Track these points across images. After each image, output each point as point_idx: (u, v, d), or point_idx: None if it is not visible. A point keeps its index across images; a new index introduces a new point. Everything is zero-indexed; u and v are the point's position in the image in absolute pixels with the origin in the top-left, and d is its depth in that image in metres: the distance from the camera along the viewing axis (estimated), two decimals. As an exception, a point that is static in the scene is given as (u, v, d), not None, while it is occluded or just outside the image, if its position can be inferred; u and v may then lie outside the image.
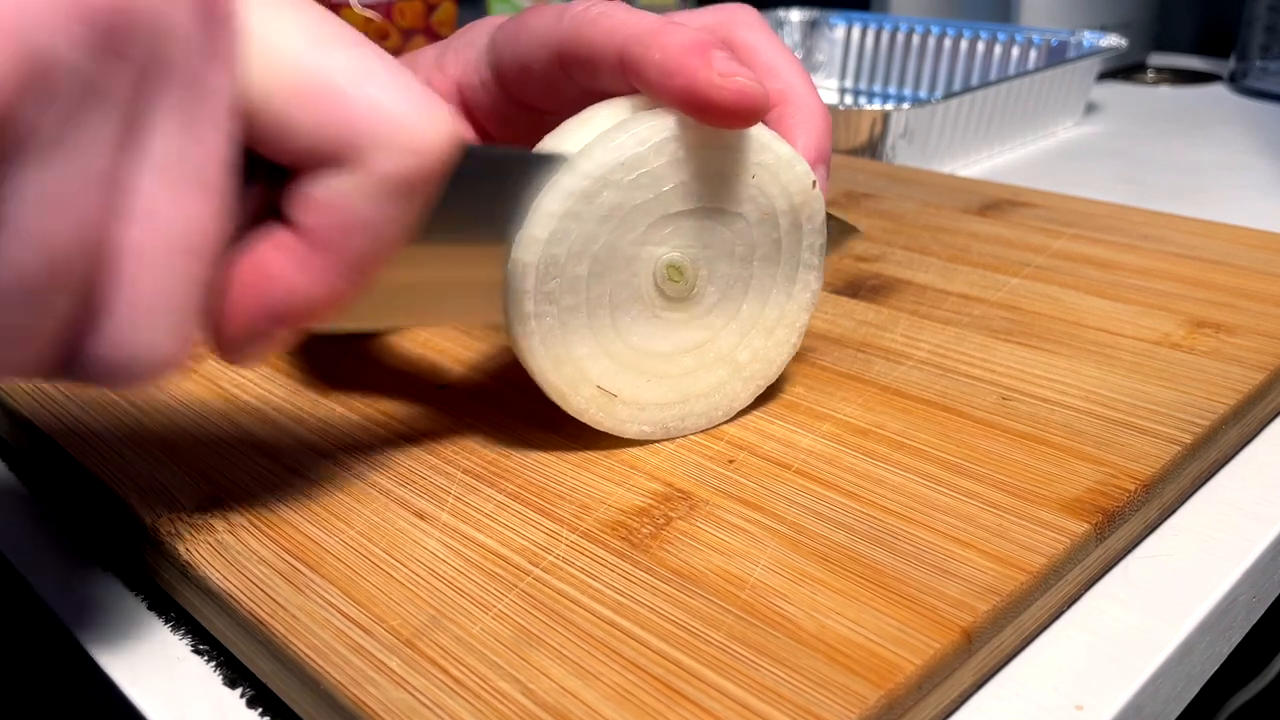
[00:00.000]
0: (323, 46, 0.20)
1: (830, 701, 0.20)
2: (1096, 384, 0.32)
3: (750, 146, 0.28)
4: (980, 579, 0.23)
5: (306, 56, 0.20)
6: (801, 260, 0.31)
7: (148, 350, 0.19)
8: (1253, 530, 0.28)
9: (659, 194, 0.27)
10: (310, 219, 0.21)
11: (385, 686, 0.21)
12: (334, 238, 0.21)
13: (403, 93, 0.20)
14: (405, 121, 0.20)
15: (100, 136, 0.17)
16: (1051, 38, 0.75)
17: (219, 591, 0.24)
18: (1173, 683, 0.25)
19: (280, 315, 0.21)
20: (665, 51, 0.26)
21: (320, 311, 0.22)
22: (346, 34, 0.21)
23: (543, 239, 0.26)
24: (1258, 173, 0.62)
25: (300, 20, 0.20)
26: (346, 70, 0.20)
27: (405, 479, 0.28)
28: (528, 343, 0.27)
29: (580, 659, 0.22)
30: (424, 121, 0.21)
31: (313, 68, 0.20)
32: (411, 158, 0.20)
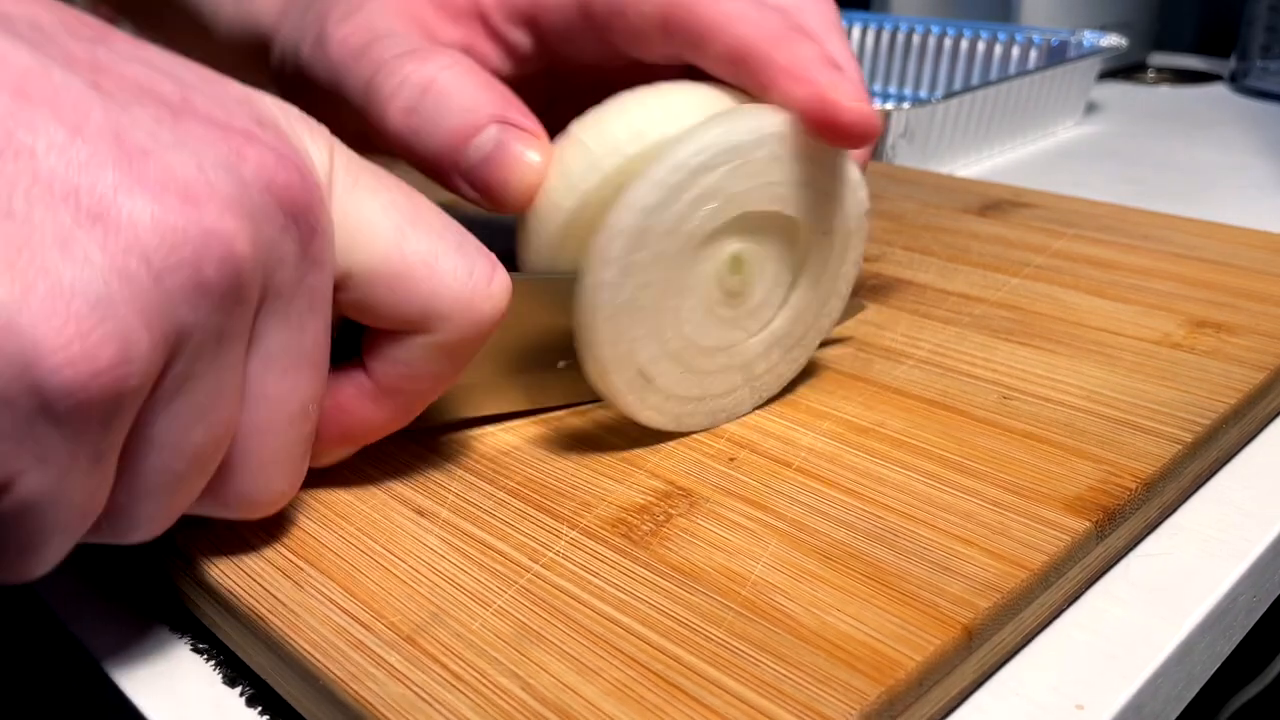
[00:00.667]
0: (404, 234, 0.23)
1: (831, 697, 0.20)
2: (1097, 383, 0.32)
3: (837, 165, 0.28)
4: (981, 576, 0.23)
5: (389, 248, 0.23)
6: (836, 288, 0.31)
7: (267, 495, 0.23)
8: (1253, 530, 0.28)
9: (751, 187, 0.27)
10: (383, 369, 0.24)
11: (385, 682, 0.21)
12: (402, 385, 0.25)
13: (467, 274, 0.24)
14: (469, 302, 0.24)
15: (231, 359, 0.20)
16: (1051, 38, 0.75)
17: (218, 588, 0.24)
18: (1173, 682, 0.25)
19: (354, 439, 0.26)
20: (795, 59, 0.27)
21: (379, 435, 0.26)
22: (425, 216, 0.24)
23: (644, 208, 0.26)
24: (1258, 173, 0.62)
25: (384, 206, 0.23)
26: (423, 258, 0.23)
27: (405, 476, 0.28)
28: (594, 313, 0.27)
29: (580, 655, 0.22)
30: (482, 300, 0.24)
31: (395, 257, 0.23)
32: (471, 329, 0.24)
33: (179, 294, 0.18)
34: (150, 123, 0.19)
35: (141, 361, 0.18)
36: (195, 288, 0.18)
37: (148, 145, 0.18)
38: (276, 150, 0.20)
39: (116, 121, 0.18)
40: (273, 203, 0.20)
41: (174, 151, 0.19)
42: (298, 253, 0.21)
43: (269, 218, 0.20)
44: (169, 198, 0.18)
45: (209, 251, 0.18)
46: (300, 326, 0.21)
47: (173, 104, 0.19)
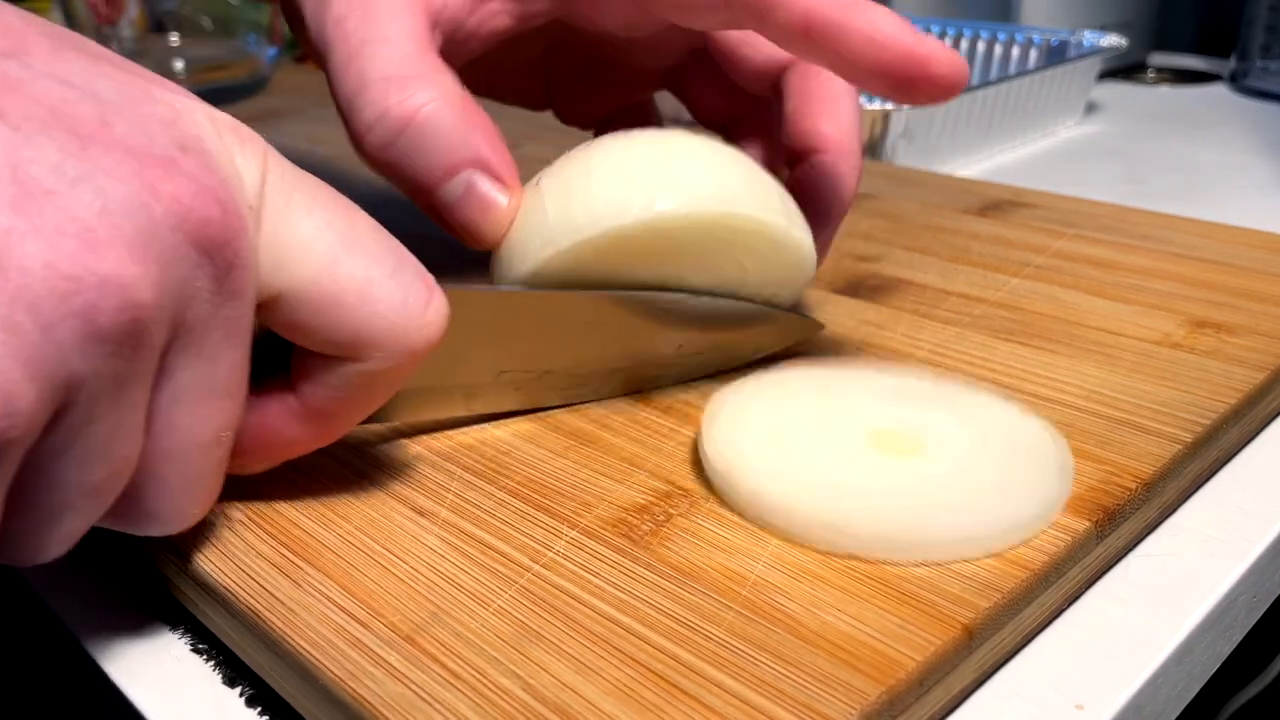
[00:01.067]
0: (337, 258, 0.22)
1: (831, 697, 0.20)
2: (1097, 383, 0.32)
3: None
4: (981, 576, 0.23)
5: (320, 271, 0.22)
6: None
7: (175, 517, 0.22)
8: (1253, 530, 0.28)
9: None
10: (311, 390, 0.24)
11: (384, 681, 0.21)
12: (330, 408, 0.24)
13: (400, 303, 0.23)
14: (403, 330, 0.23)
15: (132, 400, 0.19)
16: (1051, 38, 0.75)
17: (216, 587, 0.24)
18: (1173, 682, 0.25)
19: (279, 457, 0.25)
20: (874, 24, 0.27)
21: (304, 452, 0.25)
22: (362, 238, 0.23)
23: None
24: (1258, 173, 0.62)
25: (319, 227, 0.22)
26: (357, 284, 0.22)
27: (404, 475, 0.28)
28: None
29: (580, 655, 0.22)
30: (416, 329, 0.23)
31: (327, 282, 0.22)
32: (403, 357, 0.23)
33: (70, 345, 0.17)
34: (55, 155, 0.18)
35: (24, 415, 0.17)
36: (87, 338, 0.17)
37: (49, 183, 0.17)
38: (197, 181, 0.19)
39: (17, 154, 0.17)
40: (185, 241, 0.19)
41: (78, 189, 0.18)
42: (212, 288, 0.20)
43: (181, 256, 0.19)
44: (65, 242, 0.17)
45: (105, 301, 0.17)
46: (214, 359, 0.21)
47: (86, 130, 0.18)
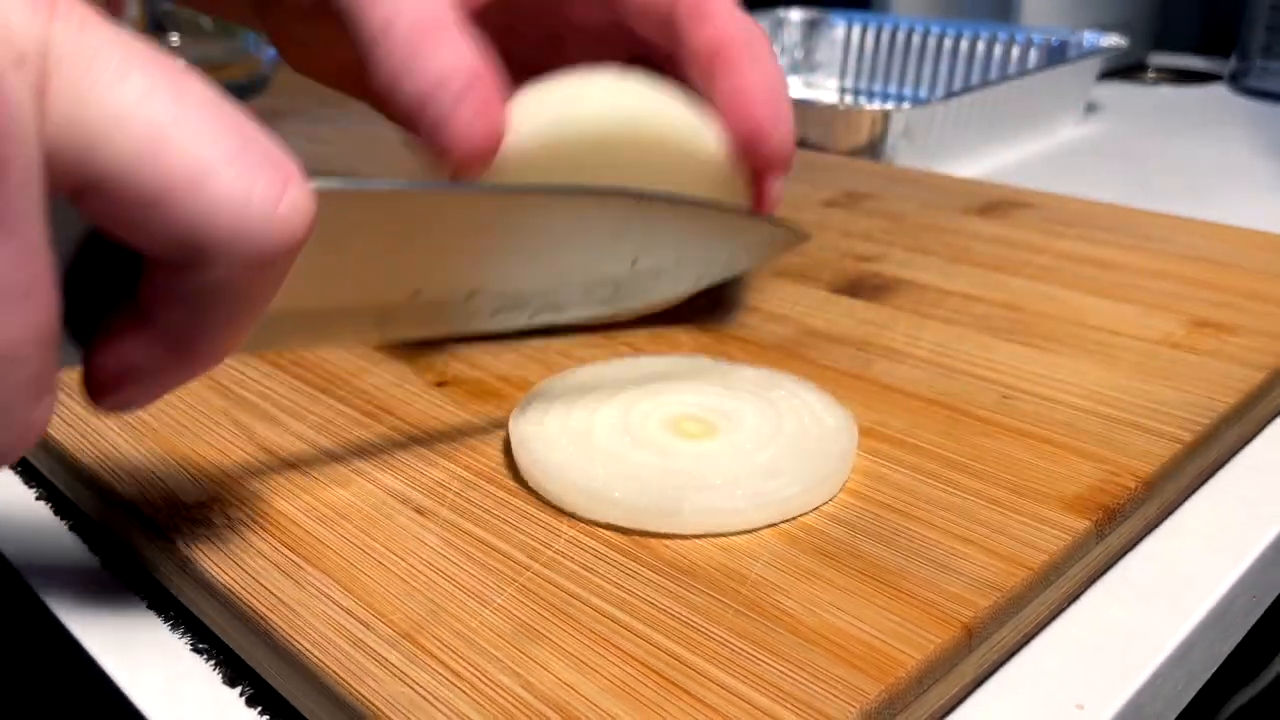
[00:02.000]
0: (163, 136, 0.18)
1: (831, 696, 0.20)
2: (1098, 383, 0.32)
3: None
4: (981, 575, 0.23)
5: (142, 154, 0.18)
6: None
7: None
8: (1253, 529, 0.28)
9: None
10: (159, 309, 0.20)
11: (385, 680, 0.21)
12: (184, 329, 0.20)
13: (243, 195, 0.18)
14: (246, 231, 0.19)
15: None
16: (1051, 38, 0.75)
17: (217, 586, 0.24)
18: (1173, 682, 0.25)
19: (144, 389, 0.21)
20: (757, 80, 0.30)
21: (181, 382, 0.21)
22: (195, 110, 0.18)
23: None
24: (1258, 173, 0.62)
25: (138, 98, 0.18)
26: (183, 172, 0.18)
27: (404, 474, 0.28)
28: None
29: (580, 653, 0.22)
30: (264, 227, 0.19)
31: (148, 168, 0.18)
32: (251, 261, 0.19)
33: None
34: None
35: None
36: None
37: None
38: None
39: None
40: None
41: None
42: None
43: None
44: None
45: None
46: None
47: None
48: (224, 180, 0.18)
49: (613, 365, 0.32)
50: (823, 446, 0.28)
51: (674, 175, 0.31)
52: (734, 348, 0.35)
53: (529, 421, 0.29)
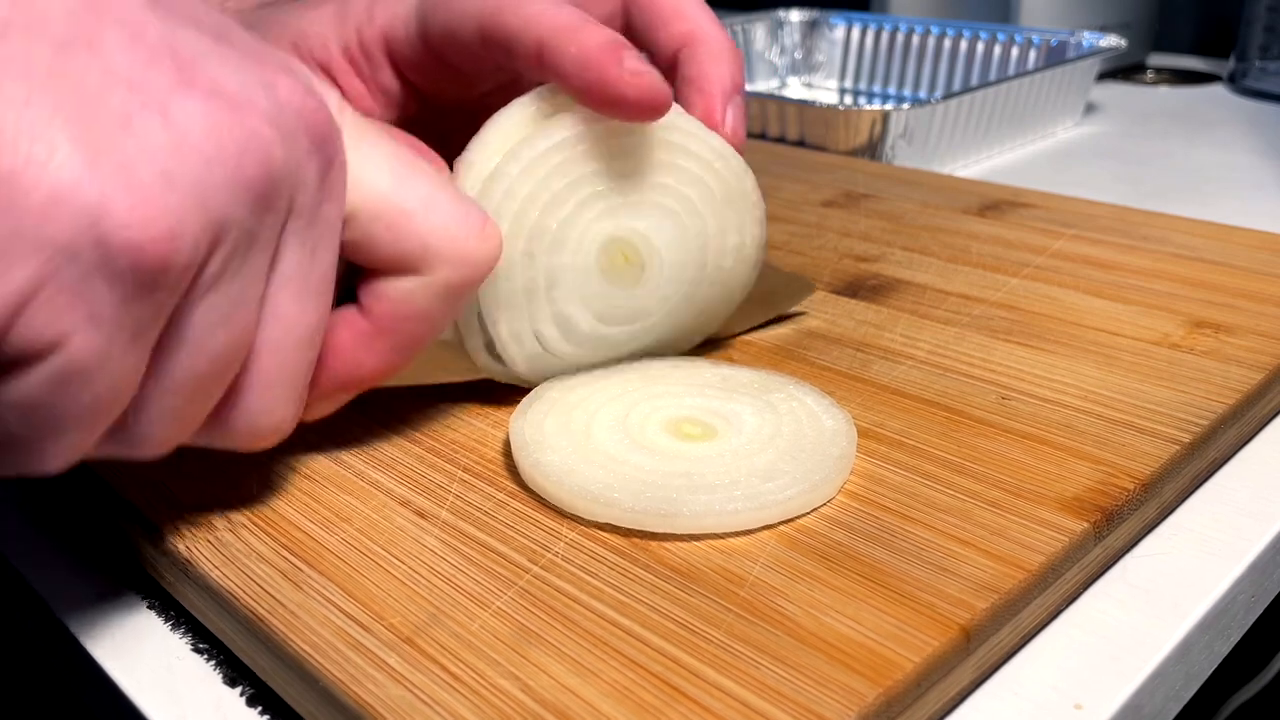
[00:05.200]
0: (402, 179, 0.24)
1: (829, 699, 0.20)
2: (1096, 384, 0.32)
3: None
4: (979, 577, 0.23)
5: (390, 188, 0.24)
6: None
7: (271, 419, 0.24)
8: (1251, 529, 0.28)
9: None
10: (380, 308, 0.25)
11: (384, 683, 0.21)
12: (397, 325, 0.25)
13: (462, 217, 0.25)
14: (464, 242, 0.25)
15: (257, 268, 0.21)
16: (1051, 38, 0.75)
17: (218, 589, 0.24)
18: (1171, 682, 0.25)
19: (345, 385, 0.26)
20: (582, 48, 0.29)
21: (372, 383, 0.26)
22: (420, 165, 0.25)
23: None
24: (1258, 173, 0.62)
25: (385, 155, 0.24)
26: (420, 199, 0.24)
27: (404, 477, 0.28)
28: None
29: (579, 656, 0.22)
30: (478, 241, 0.25)
31: (395, 198, 0.24)
32: (466, 269, 0.25)
33: (224, 185, 0.20)
34: (197, 42, 0.21)
35: (190, 239, 0.19)
36: (237, 182, 0.20)
37: (197, 59, 0.20)
38: (304, 85, 0.22)
39: (171, 35, 0.20)
40: (302, 128, 0.21)
41: (219, 67, 0.20)
42: (317, 180, 0.22)
43: (297, 140, 0.21)
44: (216, 101, 0.20)
45: (250, 152, 0.20)
46: (313, 253, 0.23)
47: (216, 34, 0.21)
48: (447, 207, 0.25)
49: (613, 368, 0.32)
50: (821, 449, 0.28)
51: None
52: (733, 349, 0.36)
53: (529, 424, 0.29)
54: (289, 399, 0.24)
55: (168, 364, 0.21)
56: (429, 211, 0.25)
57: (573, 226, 0.30)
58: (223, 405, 0.23)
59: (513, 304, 0.30)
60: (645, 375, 0.32)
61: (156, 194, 0.19)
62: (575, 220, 0.30)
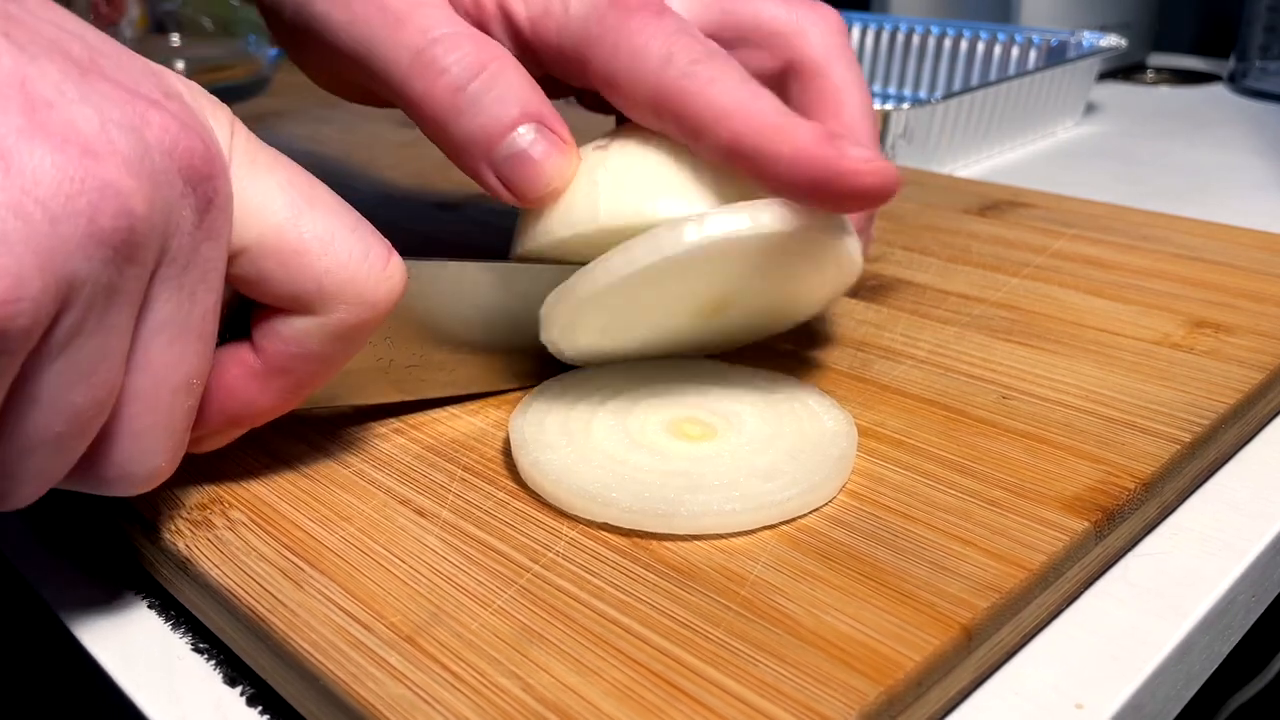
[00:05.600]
0: (300, 212, 0.23)
1: (830, 697, 0.20)
2: (1096, 383, 0.32)
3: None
4: (980, 576, 0.23)
5: (284, 222, 0.23)
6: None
7: (144, 467, 0.22)
8: (1252, 529, 0.28)
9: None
10: (272, 347, 0.24)
11: (385, 682, 0.21)
12: (291, 365, 0.24)
13: (362, 255, 0.24)
14: (362, 283, 0.24)
15: (120, 321, 0.20)
16: (1051, 38, 0.75)
17: (218, 588, 0.24)
18: (1172, 681, 0.25)
19: (239, 421, 0.25)
20: (797, 146, 0.26)
21: (265, 419, 0.25)
22: (322, 197, 0.24)
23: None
24: (1258, 173, 0.62)
25: (281, 185, 0.23)
26: (318, 235, 0.23)
27: (405, 476, 0.28)
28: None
29: (580, 655, 0.22)
30: (377, 282, 0.24)
31: (290, 233, 0.23)
32: (364, 311, 0.24)
33: (74, 242, 0.18)
34: (57, 76, 0.19)
35: (32, 301, 0.18)
36: (90, 237, 0.18)
37: (53, 97, 0.19)
38: (180, 119, 0.20)
39: (24, 71, 0.18)
40: (173, 168, 0.20)
41: (78, 106, 0.19)
42: (194, 221, 0.21)
43: (169, 182, 0.20)
44: (70, 148, 0.18)
45: (105, 204, 0.18)
46: (191, 297, 0.21)
47: (80, 63, 0.20)
48: (345, 244, 0.24)
49: (613, 367, 0.32)
50: (822, 449, 0.28)
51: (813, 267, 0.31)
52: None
53: (529, 423, 0.29)
54: (163, 447, 0.22)
55: (21, 425, 0.20)
56: (326, 249, 0.23)
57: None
58: (91, 455, 0.22)
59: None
60: (646, 374, 0.32)
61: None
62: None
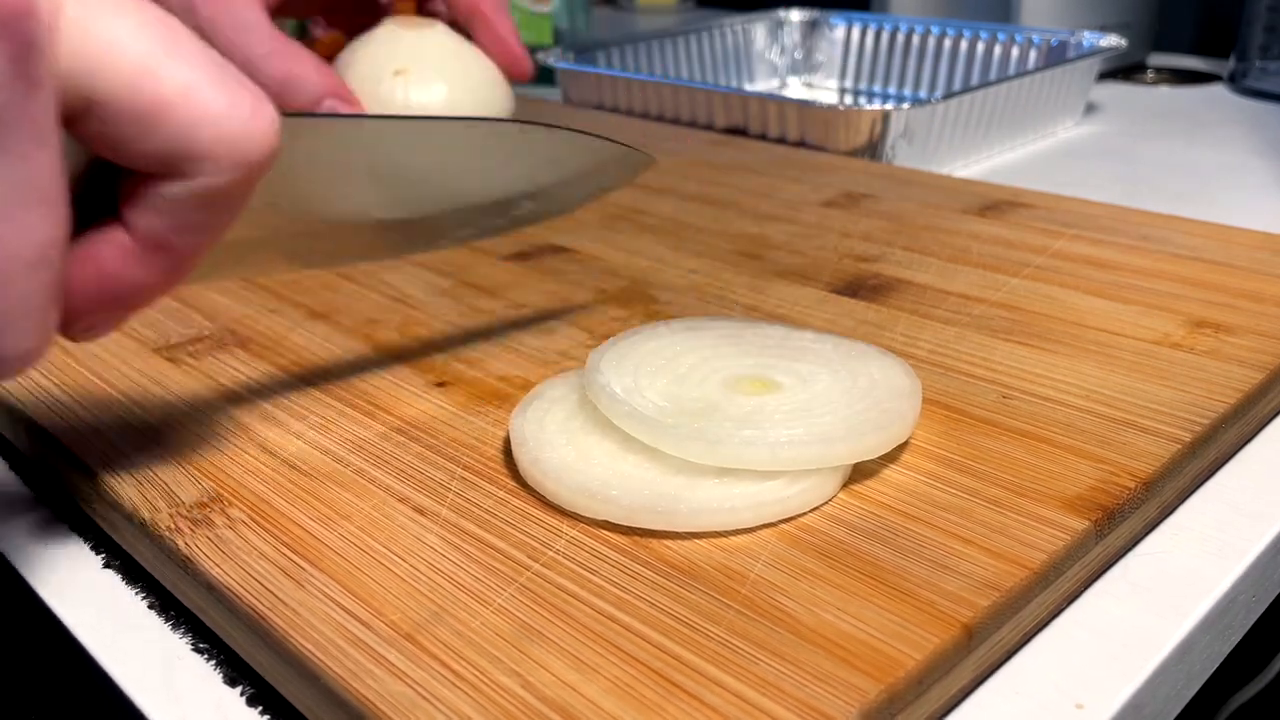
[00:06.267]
0: (156, 60, 0.21)
1: (831, 695, 0.20)
2: (1097, 383, 0.32)
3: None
4: (981, 575, 0.23)
5: (137, 72, 0.20)
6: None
7: (13, 351, 0.21)
8: (1252, 529, 0.28)
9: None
10: (144, 221, 0.22)
11: (385, 680, 0.21)
12: (166, 239, 0.22)
13: (231, 105, 0.21)
14: (233, 138, 0.21)
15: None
16: (1051, 38, 0.75)
17: (218, 586, 0.24)
18: (1172, 681, 0.25)
19: (119, 304, 0.23)
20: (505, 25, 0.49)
21: (154, 298, 0.23)
22: (181, 43, 0.21)
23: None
24: (1258, 173, 0.62)
25: (132, 29, 0.21)
26: (177, 87, 0.21)
27: (405, 474, 0.28)
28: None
29: (580, 653, 0.22)
30: (250, 136, 0.22)
31: (146, 85, 0.20)
32: (237, 171, 0.22)
33: None
34: None
35: None
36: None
37: None
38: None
39: None
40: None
41: None
42: (11, 72, 0.19)
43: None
44: None
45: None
46: (23, 157, 0.19)
47: None
48: (209, 95, 0.21)
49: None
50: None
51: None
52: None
53: (529, 421, 0.29)
54: (29, 327, 0.21)
55: None
56: (186, 102, 0.21)
57: None
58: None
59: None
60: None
61: None
62: None
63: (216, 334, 0.37)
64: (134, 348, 0.36)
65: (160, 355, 0.35)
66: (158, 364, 0.35)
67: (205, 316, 0.39)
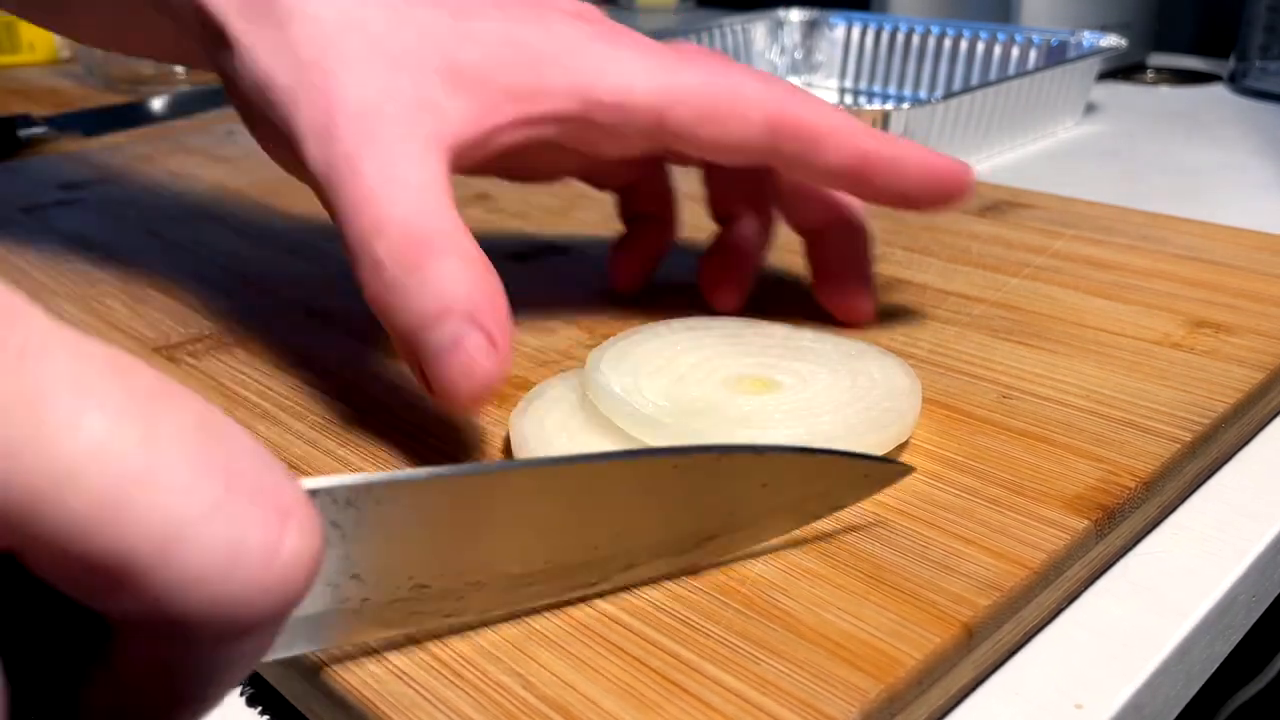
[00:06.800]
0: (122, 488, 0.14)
1: (831, 695, 0.20)
2: (1097, 383, 0.32)
3: None
4: (981, 574, 0.23)
5: (101, 508, 0.13)
6: None
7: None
8: (1252, 529, 0.28)
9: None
10: (139, 682, 0.16)
11: (385, 680, 0.21)
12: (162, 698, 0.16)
13: (233, 544, 0.14)
14: (236, 595, 0.14)
15: None
16: (1051, 38, 0.75)
17: (219, 585, 0.24)
18: (1172, 681, 0.25)
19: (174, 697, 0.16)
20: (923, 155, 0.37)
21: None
22: (161, 442, 0.14)
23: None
24: (1258, 173, 0.62)
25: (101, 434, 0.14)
26: (155, 524, 0.14)
27: (405, 474, 0.28)
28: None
29: (580, 653, 0.22)
30: (261, 585, 0.15)
31: (110, 529, 0.14)
32: (244, 631, 0.15)
33: None
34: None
35: None
36: None
37: None
38: None
39: None
40: None
41: None
42: None
43: None
44: None
45: None
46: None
47: None
48: (203, 539, 0.14)
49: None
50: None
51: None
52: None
53: (529, 422, 0.29)
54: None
55: None
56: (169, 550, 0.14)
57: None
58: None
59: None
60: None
61: None
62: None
63: (216, 334, 0.37)
64: (134, 348, 0.36)
65: (160, 355, 0.36)
66: (158, 364, 0.35)
67: (205, 316, 0.39)
